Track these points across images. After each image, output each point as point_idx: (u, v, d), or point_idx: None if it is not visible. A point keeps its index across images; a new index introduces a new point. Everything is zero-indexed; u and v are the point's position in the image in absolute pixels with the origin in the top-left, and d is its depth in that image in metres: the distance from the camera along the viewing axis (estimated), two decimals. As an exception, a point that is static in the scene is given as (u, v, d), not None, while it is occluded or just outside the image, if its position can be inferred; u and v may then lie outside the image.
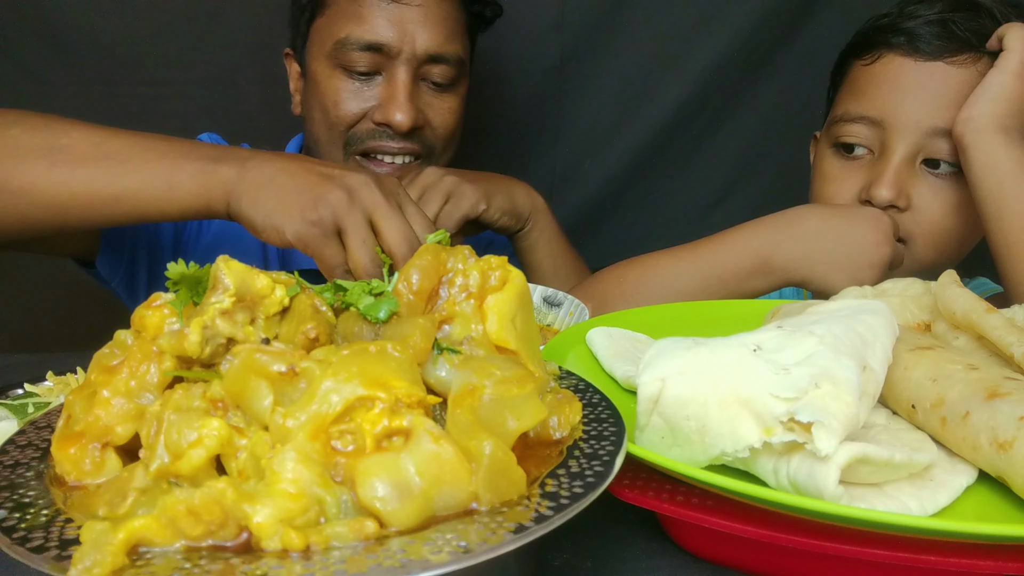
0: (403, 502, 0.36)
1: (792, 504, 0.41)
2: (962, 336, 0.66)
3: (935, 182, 0.99)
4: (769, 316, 0.78)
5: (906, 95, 0.99)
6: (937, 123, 0.97)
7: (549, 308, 0.95)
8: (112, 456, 0.42)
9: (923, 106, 0.98)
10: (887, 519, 0.40)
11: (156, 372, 0.44)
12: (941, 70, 0.98)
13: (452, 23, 1.20)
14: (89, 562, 0.32)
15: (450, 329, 0.48)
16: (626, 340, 0.69)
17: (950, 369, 0.54)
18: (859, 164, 1.04)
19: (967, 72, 0.97)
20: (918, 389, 0.55)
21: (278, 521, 0.34)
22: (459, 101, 1.25)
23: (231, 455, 0.39)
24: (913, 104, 0.98)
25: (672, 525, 0.53)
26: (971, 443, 0.49)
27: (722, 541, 0.50)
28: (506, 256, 0.50)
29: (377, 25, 1.14)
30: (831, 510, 0.41)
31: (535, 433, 0.44)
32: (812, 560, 0.48)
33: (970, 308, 0.63)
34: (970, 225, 1.00)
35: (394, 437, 0.38)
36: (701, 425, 0.48)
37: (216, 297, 0.43)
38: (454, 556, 0.33)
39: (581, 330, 0.74)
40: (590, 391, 0.52)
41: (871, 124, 1.01)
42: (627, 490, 0.49)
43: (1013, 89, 0.93)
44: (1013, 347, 0.58)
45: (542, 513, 0.36)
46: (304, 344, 0.44)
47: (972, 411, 0.49)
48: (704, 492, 0.48)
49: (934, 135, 0.97)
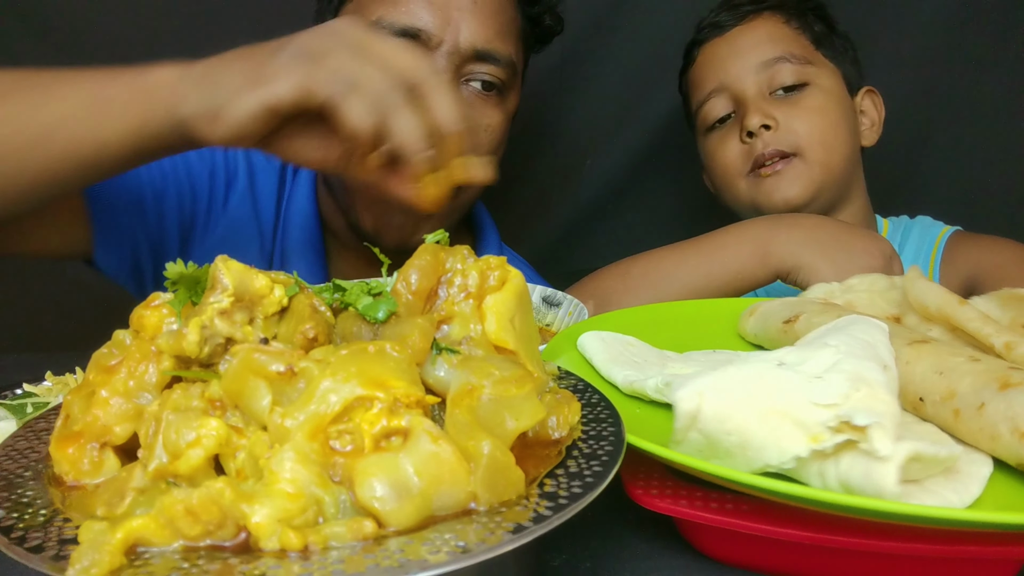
0: (401, 502, 0.36)
1: (861, 506, 0.41)
2: (936, 328, 0.68)
3: (789, 99, 1.20)
4: (746, 314, 0.79)
5: (727, 58, 1.24)
6: (764, 58, 1.20)
7: (548, 308, 0.95)
8: (110, 456, 0.42)
9: (744, 56, 1.22)
10: (957, 516, 0.40)
11: (154, 372, 0.43)
12: (738, 32, 1.25)
13: (505, 20, 1.04)
14: (87, 562, 0.32)
15: (449, 329, 0.48)
16: (618, 344, 0.69)
17: (954, 362, 0.56)
18: (727, 127, 1.25)
19: (757, 24, 1.24)
20: (924, 383, 0.56)
21: (276, 521, 0.34)
22: (502, 118, 1.08)
23: (229, 455, 0.39)
24: (737, 59, 1.22)
25: (694, 531, 0.53)
26: (989, 433, 0.50)
27: (751, 545, 0.50)
28: (505, 256, 0.51)
29: (416, 7, 0.97)
30: (901, 510, 0.41)
31: (534, 433, 0.44)
32: (841, 557, 0.49)
33: (943, 302, 0.66)
34: (840, 121, 1.21)
35: (392, 437, 0.38)
36: (743, 439, 0.47)
37: (215, 297, 0.43)
38: (452, 556, 0.33)
39: (579, 329, 0.74)
40: (589, 391, 0.52)
41: (717, 92, 1.24)
42: (656, 500, 0.49)
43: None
44: (992, 338, 0.60)
45: (541, 513, 0.36)
46: (303, 344, 0.44)
47: (987, 402, 0.50)
48: (737, 497, 0.49)
49: (766, 68, 1.20)
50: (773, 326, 0.73)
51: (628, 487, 0.51)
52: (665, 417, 0.57)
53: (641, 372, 0.62)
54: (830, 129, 1.19)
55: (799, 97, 1.19)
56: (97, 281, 1.18)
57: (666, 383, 0.57)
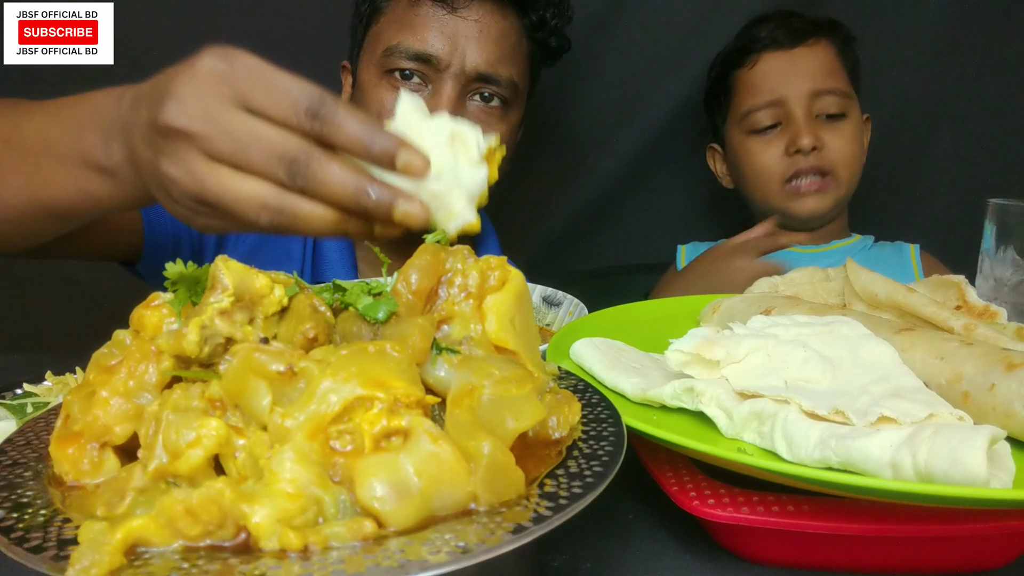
0: (401, 502, 0.36)
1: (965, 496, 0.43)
2: (885, 313, 0.75)
3: (832, 126, 1.37)
4: (708, 311, 0.84)
5: (788, 76, 1.37)
6: (818, 87, 1.35)
7: (548, 308, 0.95)
8: (110, 456, 0.42)
9: (803, 79, 1.36)
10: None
11: (155, 372, 0.43)
12: (800, 53, 1.38)
13: (508, 46, 1.15)
14: (87, 562, 0.32)
15: (449, 329, 0.48)
16: (612, 350, 0.68)
17: (949, 347, 0.60)
18: (773, 135, 1.39)
19: (816, 50, 1.37)
20: (926, 368, 0.59)
21: (276, 521, 0.34)
22: (504, 129, 1.17)
23: (229, 455, 0.39)
24: (796, 80, 1.36)
25: (724, 532, 0.54)
26: (1003, 411, 0.53)
27: (789, 543, 0.52)
28: (505, 257, 0.50)
29: (429, 36, 1.10)
30: (1002, 495, 0.43)
31: (534, 433, 0.44)
32: (879, 544, 0.51)
33: (892, 290, 0.74)
34: (862, 151, 1.41)
35: (393, 437, 0.38)
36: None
37: (215, 297, 0.43)
38: (452, 556, 0.33)
39: (577, 329, 0.74)
40: (589, 391, 0.52)
41: (773, 105, 1.38)
42: (709, 509, 0.50)
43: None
44: (951, 321, 0.68)
45: (541, 513, 0.36)
46: (303, 344, 0.44)
47: (997, 383, 0.54)
48: (781, 500, 0.51)
49: (819, 97, 1.35)
50: (747, 320, 0.74)
51: (668, 490, 0.53)
52: (688, 421, 0.58)
53: (646, 379, 0.62)
54: (857, 155, 1.39)
55: (839, 125, 1.37)
56: (97, 281, 1.18)
57: (685, 389, 0.57)
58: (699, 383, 0.56)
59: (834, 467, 0.48)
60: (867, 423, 0.50)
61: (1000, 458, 0.47)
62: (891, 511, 0.48)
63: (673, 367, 0.60)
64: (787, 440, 0.51)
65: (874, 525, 0.48)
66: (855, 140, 1.38)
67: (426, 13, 1.11)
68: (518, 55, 1.17)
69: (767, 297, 0.80)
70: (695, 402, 0.56)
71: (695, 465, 0.56)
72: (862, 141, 1.42)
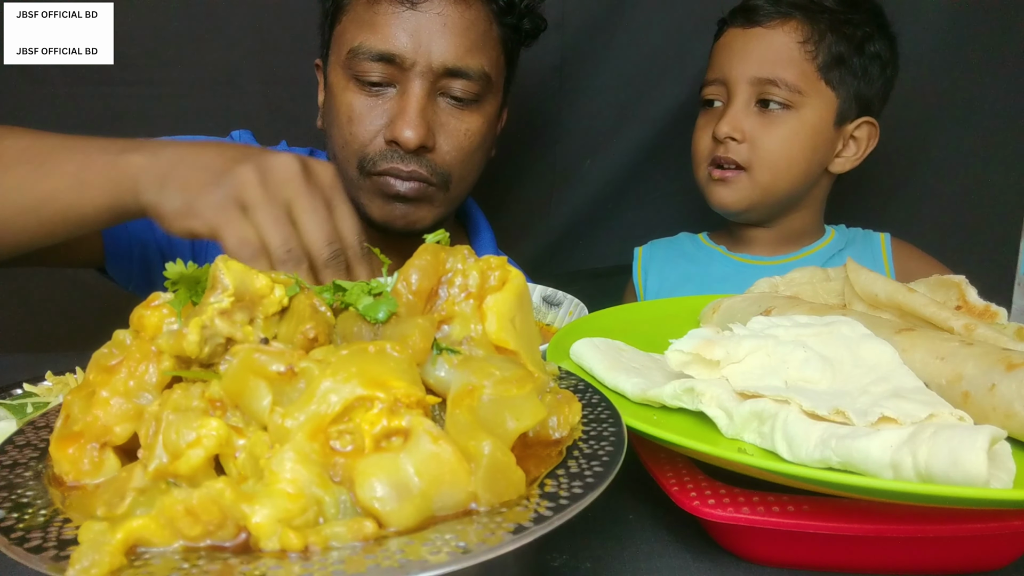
0: (402, 502, 0.36)
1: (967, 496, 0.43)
2: (885, 312, 0.75)
3: (770, 119, 1.25)
4: (708, 311, 0.83)
5: (736, 56, 1.28)
6: (760, 74, 1.24)
7: (549, 307, 0.95)
8: (110, 456, 0.42)
9: (748, 63, 1.26)
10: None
11: (155, 372, 0.43)
12: (757, 34, 1.27)
13: (476, 35, 1.10)
14: (87, 562, 0.32)
15: (449, 329, 0.48)
16: (612, 350, 0.68)
17: (949, 347, 0.59)
18: (715, 113, 1.30)
19: (777, 34, 1.25)
20: (926, 368, 0.59)
21: (276, 521, 0.34)
22: (481, 122, 1.14)
23: (230, 455, 0.39)
24: (741, 62, 1.26)
25: (722, 530, 0.54)
26: (1004, 412, 0.53)
27: (789, 543, 0.52)
28: (505, 256, 0.50)
29: (391, 34, 1.06)
30: (1002, 496, 0.43)
31: (534, 433, 0.44)
32: (877, 545, 0.51)
33: (893, 290, 0.74)
34: (801, 152, 1.26)
35: (393, 437, 0.38)
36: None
37: (215, 297, 0.43)
38: (453, 556, 0.33)
39: (577, 329, 0.74)
40: (590, 391, 0.52)
41: (718, 83, 1.29)
42: (709, 509, 0.50)
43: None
44: (951, 321, 0.67)
45: (541, 514, 0.36)
46: (303, 344, 0.44)
47: (997, 383, 0.54)
48: (781, 500, 0.51)
49: (759, 84, 1.24)
50: (747, 320, 0.74)
51: (668, 490, 0.53)
52: (688, 421, 0.58)
53: (646, 379, 0.62)
54: (784, 157, 1.26)
55: (775, 117, 1.25)
56: (97, 281, 1.18)
57: (685, 389, 0.57)
58: (699, 383, 0.56)
59: (834, 467, 0.48)
60: (867, 423, 0.49)
61: (1000, 458, 0.47)
62: (891, 511, 0.48)
63: (673, 367, 0.60)
64: (787, 440, 0.51)
65: (874, 525, 0.48)
66: (793, 140, 1.25)
67: (386, 11, 1.07)
68: (488, 44, 1.13)
69: (767, 297, 0.80)
70: (695, 402, 0.56)
71: (695, 465, 0.56)
72: (811, 141, 1.26)
